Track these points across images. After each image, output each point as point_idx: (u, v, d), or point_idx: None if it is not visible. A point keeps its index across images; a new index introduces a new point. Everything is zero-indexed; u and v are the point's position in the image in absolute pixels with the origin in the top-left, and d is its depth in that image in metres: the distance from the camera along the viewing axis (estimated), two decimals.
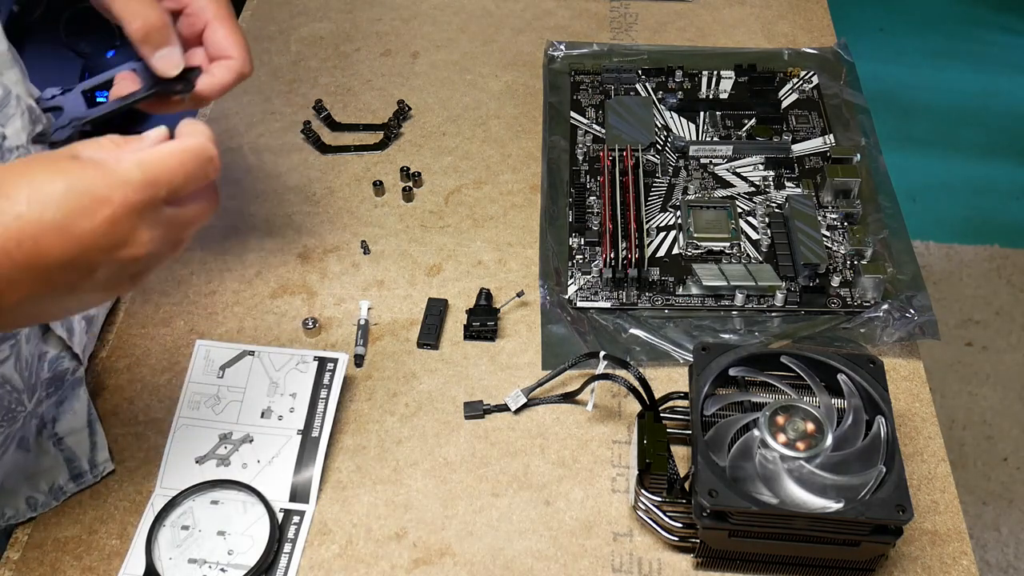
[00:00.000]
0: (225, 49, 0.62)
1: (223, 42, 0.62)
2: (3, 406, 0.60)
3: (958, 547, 0.64)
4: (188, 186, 0.49)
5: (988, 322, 1.78)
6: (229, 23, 0.62)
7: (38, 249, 0.44)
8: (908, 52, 2.33)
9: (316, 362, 0.70)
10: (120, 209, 0.45)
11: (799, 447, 0.59)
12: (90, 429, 0.67)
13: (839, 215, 0.82)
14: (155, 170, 0.48)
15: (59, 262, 0.44)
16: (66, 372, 0.66)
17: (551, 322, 0.76)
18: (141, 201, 0.46)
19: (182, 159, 0.49)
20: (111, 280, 0.48)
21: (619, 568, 0.63)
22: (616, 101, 0.93)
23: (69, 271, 0.45)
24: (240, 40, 0.63)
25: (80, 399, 0.68)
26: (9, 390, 0.60)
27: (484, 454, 0.69)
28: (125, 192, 0.46)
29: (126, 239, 0.46)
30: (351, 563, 0.63)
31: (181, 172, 0.49)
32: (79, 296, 0.48)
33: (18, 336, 0.60)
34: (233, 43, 0.62)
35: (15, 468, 0.64)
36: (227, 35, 0.62)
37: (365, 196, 0.87)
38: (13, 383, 0.60)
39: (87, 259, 0.45)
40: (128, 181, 0.46)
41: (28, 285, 0.44)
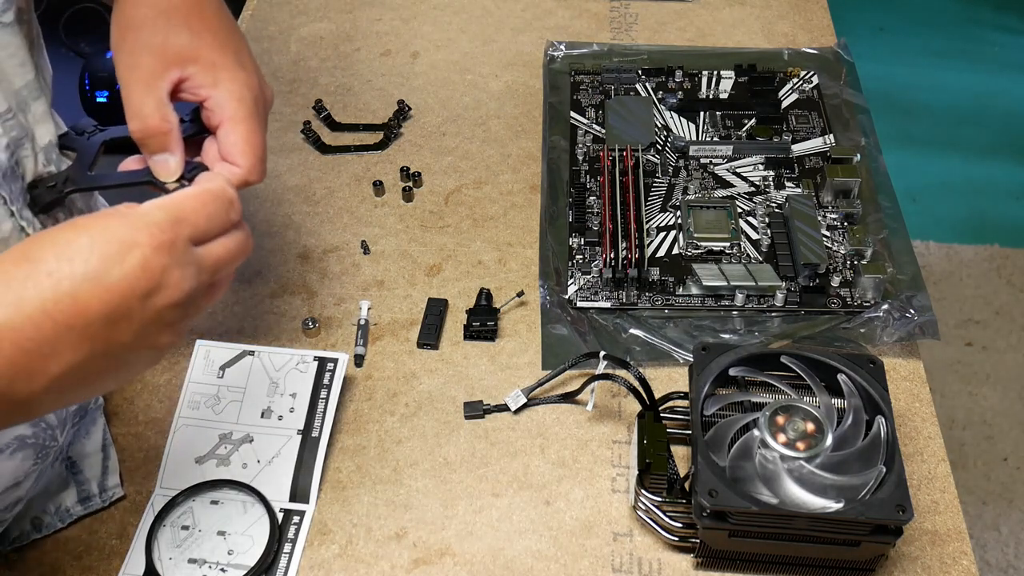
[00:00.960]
0: (233, 155, 0.57)
1: (233, 148, 0.57)
2: (39, 444, 0.59)
3: (958, 547, 0.64)
4: (212, 226, 0.49)
5: (988, 322, 1.78)
6: (245, 126, 0.57)
7: (76, 305, 0.43)
8: (908, 52, 2.33)
9: (316, 362, 0.70)
10: (149, 250, 0.45)
11: (799, 447, 0.59)
12: (104, 454, 0.67)
13: (839, 215, 0.82)
14: (176, 209, 0.47)
15: (99, 315, 0.43)
16: (90, 402, 0.66)
17: (551, 322, 0.76)
18: (168, 240, 0.46)
19: (203, 199, 0.49)
20: (151, 332, 0.46)
21: (619, 568, 0.63)
22: (616, 101, 0.93)
23: (110, 325, 0.44)
24: (252, 147, 0.57)
25: (97, 424, 0.68)
26: (44, 427, 0.60)
27: (484, 454, 0.69)
28: (151, 231, 0.45)
29: (160, 281, 0.45)
30: (351, 563, 0.63)
31: (203, 212, 0.48)
32: (124, 358, 0.46)
33: None
34: (242, 151, 0.57)
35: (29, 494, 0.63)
36: (239, 140, 0.57)
37: (365, 196, 0.87)
38: (48, 420, 0.60)
39: (125, 308, 0.44)
40: (153, 222, 0.45)
41: (72, 347, 0.43)
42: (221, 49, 0.57)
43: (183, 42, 0.56)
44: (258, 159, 0.57)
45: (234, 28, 0.60)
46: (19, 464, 0.58)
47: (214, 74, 0.57)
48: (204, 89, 0.57)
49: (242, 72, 0.58)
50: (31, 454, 0.59)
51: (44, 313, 0.42)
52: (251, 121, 0.57)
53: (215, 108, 0.57)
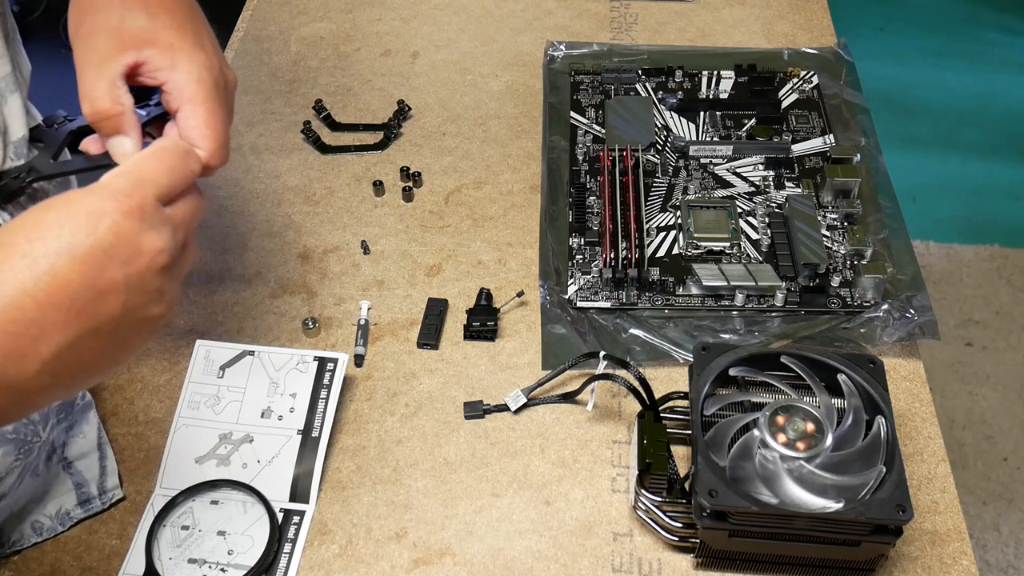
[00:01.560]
0: (194, 139, 0.55)
1: (193, 132, 0.55)
2: (20, 439, 0.59)
3: (958, 547, 0.64)
4: (175, 179, 0.48)
5: (988, 322, 1.78)
6: (205, 109, 0.55)
7: (56, 281, 0.42)
8: (908, 52, 2.33)
9: (316, 362, 0.70)
10: (118, 215, 0.44)
11: (799, 447, 0.59)
12: (100, 453, 0.67)
13: (839, 215, 0.82)
14: (137, 171, 0.47)
15: (81, 288, 0.43)
16: (75, 397, 0.66)
17: (551, 322, 0.76)
18: (136, 203, 0.45)
19: (159, 156, 0.48)
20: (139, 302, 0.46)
21: (619, 568, 0.63)
22: (616, 101, 0.93)
23: (94, 297, 0.43)
24: (213, 129, 0.55)
25: (90, 423, 0.68)
26: (26, 422, 0.59)
27: (484, 454, 0.69)
28: (116, 198, 0.45)
29: (135, 246, 0.45)
30: (351, 563, 0.63)
31: (164, 168, 0.48)
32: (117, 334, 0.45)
33: None
34: (203, 134, 0.55)
35: (24, 493, 0.63)
36: (199, 123, 0.55)
37: (365, 196, 0.87)
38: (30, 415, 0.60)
39: (108, 277, 0.44)
40: (116, 189, 0.45)
41: (60, 325, 0.43)
42: (179, 31, 0.56)
43: (140, 24, 0.55)
44: (219, 143, 0.56)
45: (193, 10, 0.59)
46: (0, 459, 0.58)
47: (172, 56, 0.55)
48: (162, 72, 0.56)
49: (201, 54, 0.56)
50: (12, 449, 0.59)
51: (25, 294, 0.42)
52: (211, 103, 0.56)
53: (174, 91, 0.56)
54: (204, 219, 0.84)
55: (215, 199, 0.87)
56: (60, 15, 1.70)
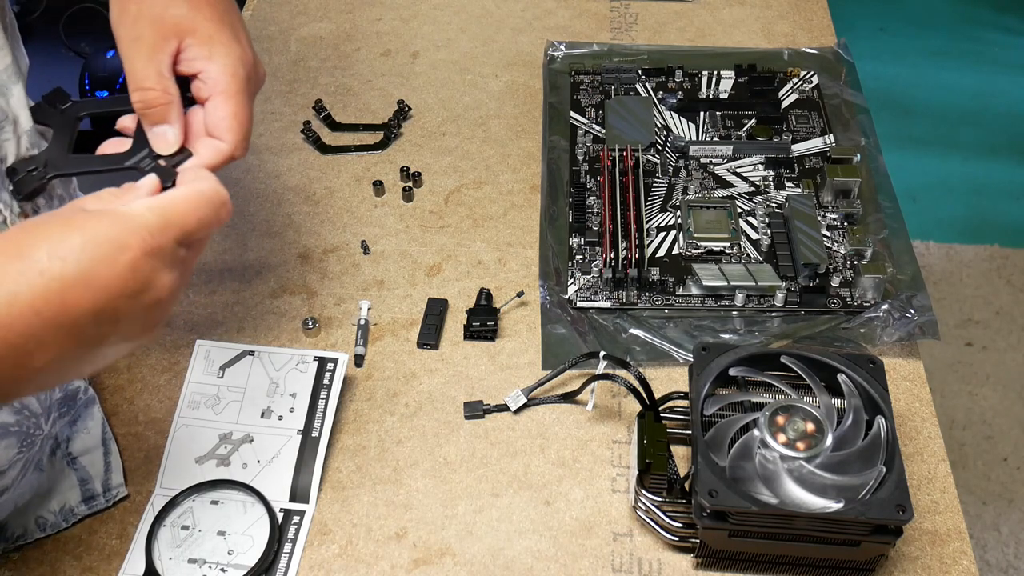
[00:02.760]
0: (219, 130, 0.56)
1: (220, 123, 0.56)
2: (23, 432, 0.60)
3: (958, 547, 0.64)
4: (201, 230, 0.49)
5: (988, 322, 1.78)
6: (235, 102, 0.56)
7: (65, 304, 0.43)
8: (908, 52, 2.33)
9: (316, 362, 0.70)
10: (139, 254, 0.45)
11: (799, 447, 0.59)
12: (104, 449, 0.67)
13: (839, 215, 0.82)
14: (169, 214, 0.48)
15: (87, 315, 0.44)
16: (77, 391, 0.66)
17: (551, 322, 0.76)
18: (159, 245, 0.46)
19: (195, 203, 0.49)
20: (134, 329, 0.47)
21: (619, 568, 0.63)
22: (616, 101, 0.93)
23: (97, 323, 0.45)
24: (239, 124, 0.57)
25: (94, 418, 0.68)
26: (27, 415, 0.60)
27: (484, 454, 0.69)
28: (142, 236, 0.46)
29: (148, 283, 0.46)
30: (351, 563, 0.63)
31: (194, 216, 0.49)
32: (104, 351, 0.47)
33: None
34: (230, 126, 0.56)
35: (28, 488, 0.63)
36: (227, 115, 0.56)
37: (365, 196, 0.87)
38: (31, 408, 0.60)
39: (113, 308, 0.45)
40: (144, 226, 0.46)
41: (59, 343, 0.44)
42: (218, 22, 0.57)
43: (181, 13, 0.56)
44: (244, 136, 0.57)
45: (231, 3, 0.60)
46: (2, 452, 0.58)
47: (209, 47, 0.56)
48: (199, 61, 0.56)
49: (237, 46, 0.57)
50: (14, 442, 0.59)
51: (34, 311, 0.43)
52: (241, 96, 0.57)
53: (208, 81, 0.57)
54: None
55: None
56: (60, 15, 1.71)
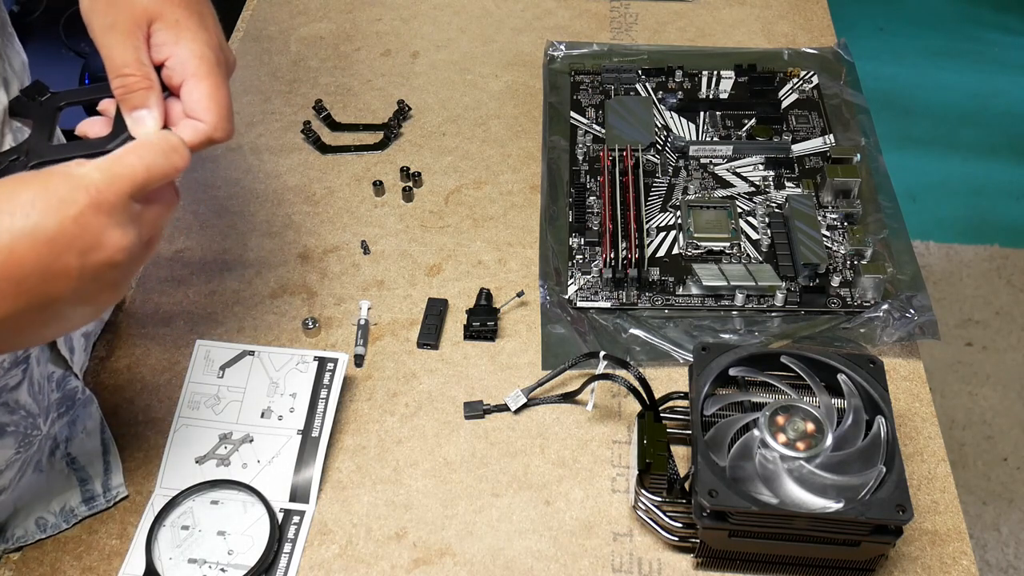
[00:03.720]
0: (198, 111, 0.55)
1: (197, 104, 0.55)
2: (20, 432, 0.60)
3: (958, 547, 0.64)
4: (152, 179, 0.49)
5: (988, 322, 1.78)
6: (209, 82, 0.55)
7: (12, 257, 0.44)
8: (908, 52, 2.33)
9: (316, 362, 0.70)
10: (86, 209, 0.45)
11: (799, 447, 0.59)
12: (104, 449, 0.67)
13: (839, 215, 0.82)
14: (115, 168, 0.47)
15: (34, 270, 0.44)
16: (75, 391, 0.66)
17: (551, 322, 0.76)
18: (106, 199, 0.46)
19: (142, 153, 0.49)
20: (91, 290, 0.47)
21: (619, 568, 0.63)
22: (616, 101, 0.93)
23: (45, 280, 0.45)
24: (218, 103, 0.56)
25: (93, 418, 0.68)
26: (24, 415, 0.60)
27: (484, 454, 0.69)
28: (89, 192, 0.46)
29: (97, 240, 0.46)
30: (351, 563, 0.63)
31: (142, 166, 0.48)
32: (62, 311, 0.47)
33: (29, 360, 0.60)
34: (207, 107, 0.55)
35: (28, 489, 0.63)
36: (203, 96, 0.55)
37: (365, 196, 0.87)
38: (28, 408, 0.60)
39: (62, 264, 0.45)
40: (91, 182, 0.46)
41: (6, 297, 0.44)
42: (185, 9, 0.57)
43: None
44: (223, 115, 0.56)
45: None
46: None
47: (176, 32, 0.56)
48: (166, 47, 0.56)
49: (204, 32, 0.57)
50: (11, 442, 0.59)
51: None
52: (214, 77, 0.56)
53: (176, 66, 0.56)
54: (204, 219, 0.85)
55: (215, 199, 0.87)
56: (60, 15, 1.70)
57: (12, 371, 0.58)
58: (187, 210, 0.86)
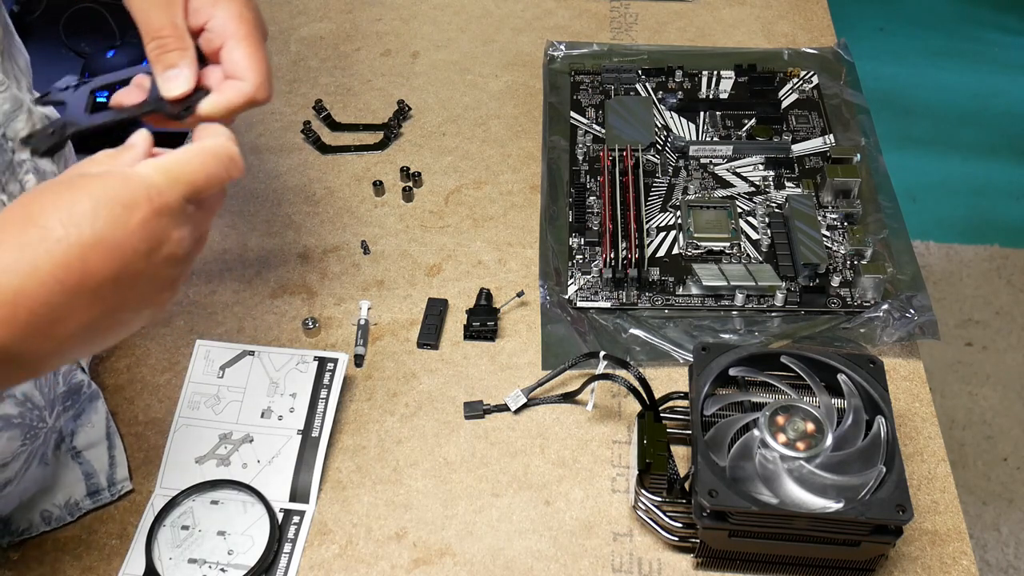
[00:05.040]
0: (239, 71, 0.56)
1: (238, 64, 0.56)
2: (26, 424, 0.60)
3: (958, 547, 0.64)
4: (210, 185, 0.49)
5: (988, 322, 1.78)
6: (248, 44, 0.57)
7: (86, 269, 0.44)
8: (908, 52, 2.33)
9: (316, 362, 0.70)
10: (149, 212, 0.46)
11: (799, 447, 0.59)
12: (109, 443, 0.67)
13: (839, 215, 0.82)
14: (175, 172, 0.48)
15: (107, 279, 0.44)
16: (81, 384, 0.66)
17: (551, 322, 0.76)
18: (166, 202, 0.47)
19: (203, 159, 0.49)
20: (153, 290, 0.48)
21: (619, 568, 0.63)
22: (616, 101, 0.93)
23: (117, 287, 0.45)
24: (258, 64, 0.57)
25: (98, 412, 0.68)
26: (31, 407, 0.60)
27: (484, 454, 0.69)
28: (150, 195, 0.46)
29: (161, 241, 0.46)
30: (351, 563, 0.63)
31: (202, 172, 0.49)
32: (126, 316, 0.48)
33: None
34: (248, 66, 0.56)
35: (34, 482, 0.64)
36: (244, 56, 0.56)
37: (365, 196, 0.87)
38: (35, 400, 0.60)
39: (132, 269, 0.45)
40: (151, 184, 0.46)
41: (82, 310, 0.44)
42: None
43: None
44: (264, 76, 0.57)
45: None
46: (5, 444, 0.59)
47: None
48: (204, 10, 0.57)
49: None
50: (18, 434, 0.59)
51: (56, 280, 0.43)
52: (253, 39, 0.57)
53: (216, 27, 0.57)
54: None
55: None
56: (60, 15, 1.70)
57: None
58: None
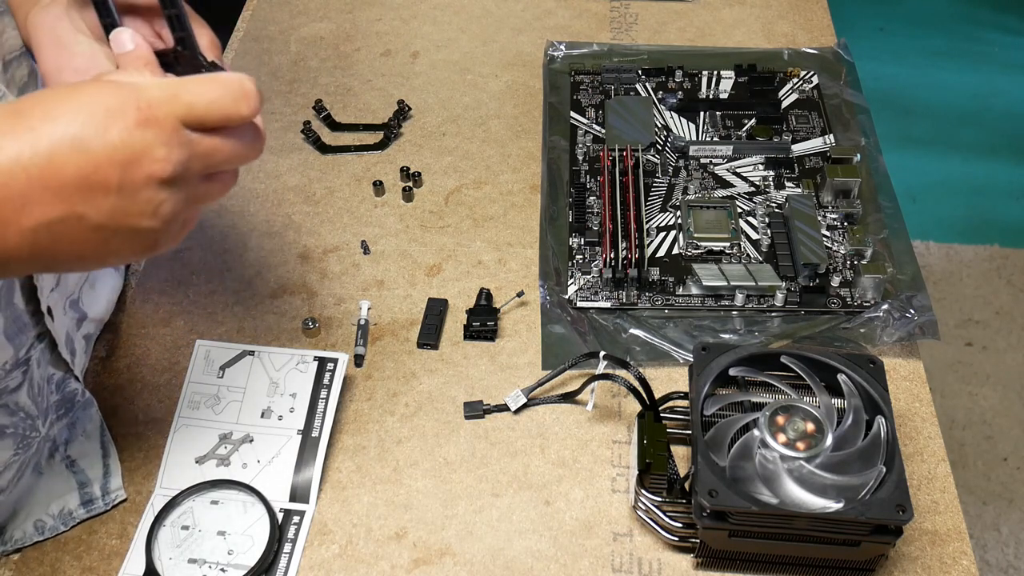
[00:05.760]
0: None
1: None
2: (19, 434, 0.60)
3: (958, 547, 0.64)
4: (211, 112, 0.46)
5: (988, 322, 1.78)
6: None
7: (51, 164, 0.43)
8: (908, 52, 2.33)
9: (316, 362, 0.70)
10: (133, 122, 0.44)
11: (799, 447, 0.59)
12: (103, 452, 0.67)
13: (839, 215, 0.82)
14: (176, 89, 0.46)
15: (73, 179, 0.43)
16: (75, 393, 0.66)
17: (551, 322, 0.76)
18: (156, 116, 0.44)
19: (210, 85, 0.46)
20: (130, 210, 0.45)
21: (619, 568, 0.63)
22: (616, 101, 0.93)
23: (84, 191, 0.43)
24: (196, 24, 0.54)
25: (92, 420, 0.68)
26: (23, 417, 0.60)
27: (484, 454, 0.69)
28: (139, 105, 0.44)
29: (140, 154, 0.44)
30: (351, 563, 0.63)
31: (205, 97, 0.46)
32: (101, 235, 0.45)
33: (30, 362, 0.60)
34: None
35: (27, 491, 0.63)
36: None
37: (365, 196, 0.87)
38: (27, 410, 0.60)
39: (102, 176, 0.43)
40: (144, 96, 0.44)
41: (45, 204, 0.43)
42: None
43: None
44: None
45: None
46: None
47: None
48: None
49: None
50: (10, 443, 0.59)
51: (19, 165, 0.42)
52: None
53: None
54: (204, 219, 0.85)
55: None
56: None
57: (13, 373, 0.58)
58: None
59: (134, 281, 0.80)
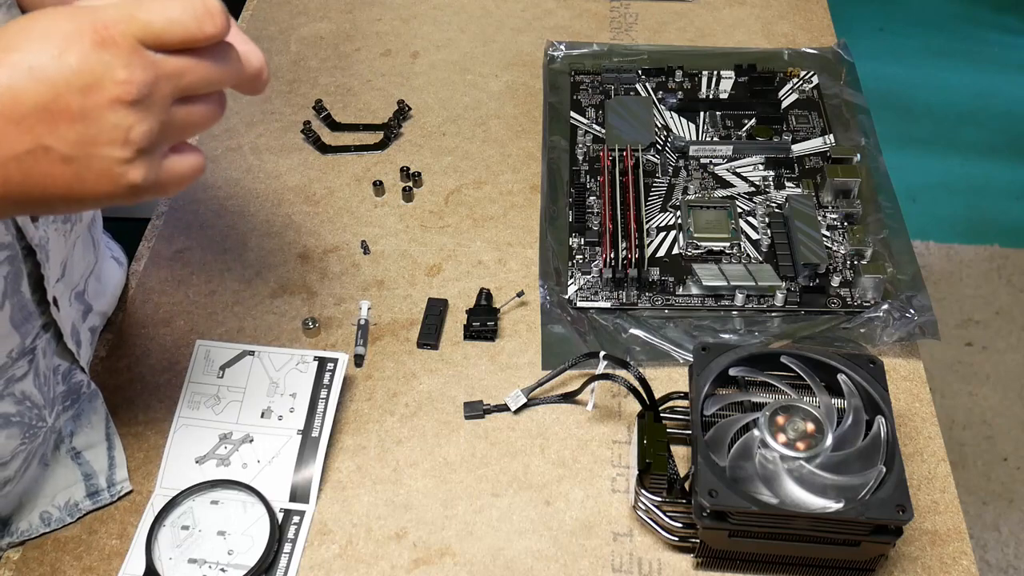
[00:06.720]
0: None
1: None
2: (25, 423, 0.60)
3: (958, 547, 0.64)
4: (172, 33, 0.44)
5: (988, 322, 1.78)
6: None
7: (10, 93, 0.41)
8: (908, 52, 2.33)
9: (316, 362, 0.70)
10: (90, 44, 0.42)
11: (799, 447, 0.59)
12: (108, 443, 0.67)
13: (839, 215, 0.82)
14: (131, 8, 0.44)
15: (33, 107, 0.42)
16: (80, 385, 0.66)
17: (551, 322, 0.76)
18: (112, 36, 0.42)
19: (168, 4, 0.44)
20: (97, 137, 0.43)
21: (619, 568, 0.63)
22: (616, 101, 0.93)
23: (46, 118, 0.42)
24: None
25: (98, 412, 0.68)
26: (30, 406, 0.60)
27: (484, 454, 0.69)
28: (95, 27, 0.43)
29: (100, 77, 0.42)
30: (351, 563, 0.63)
31: (163, 13, 0.43)
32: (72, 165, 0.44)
33: (36, 351, 0.60)
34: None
35: (33, 482, 0.64)
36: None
37: (365, 196, 0.87)
38: (34, 399, 0.60)
39: (63, 103, 0.42)
40: (99, 18, 0.43)
41: (8, 136, 0.42)
42: None
43: None
44: None
45: None
46: (4, 442, 0.59)
47: None
48: None
49: None
50: (16, 432, 0.59)
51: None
52: None
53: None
54: (204, 219, 0.85)
55: (215, 199, 0.87)
56: None
57: (19, 362, 0.59)
58: (187, 210, 0.86)
59: (134, 281, 0.80)
